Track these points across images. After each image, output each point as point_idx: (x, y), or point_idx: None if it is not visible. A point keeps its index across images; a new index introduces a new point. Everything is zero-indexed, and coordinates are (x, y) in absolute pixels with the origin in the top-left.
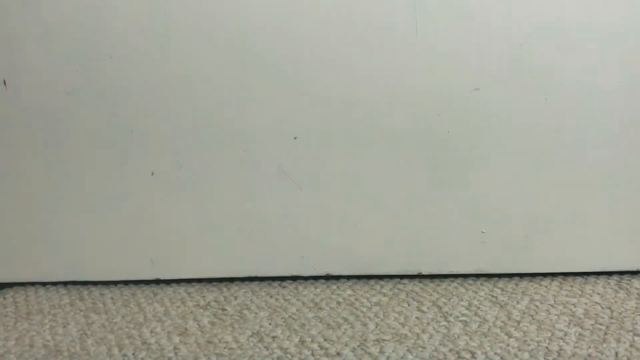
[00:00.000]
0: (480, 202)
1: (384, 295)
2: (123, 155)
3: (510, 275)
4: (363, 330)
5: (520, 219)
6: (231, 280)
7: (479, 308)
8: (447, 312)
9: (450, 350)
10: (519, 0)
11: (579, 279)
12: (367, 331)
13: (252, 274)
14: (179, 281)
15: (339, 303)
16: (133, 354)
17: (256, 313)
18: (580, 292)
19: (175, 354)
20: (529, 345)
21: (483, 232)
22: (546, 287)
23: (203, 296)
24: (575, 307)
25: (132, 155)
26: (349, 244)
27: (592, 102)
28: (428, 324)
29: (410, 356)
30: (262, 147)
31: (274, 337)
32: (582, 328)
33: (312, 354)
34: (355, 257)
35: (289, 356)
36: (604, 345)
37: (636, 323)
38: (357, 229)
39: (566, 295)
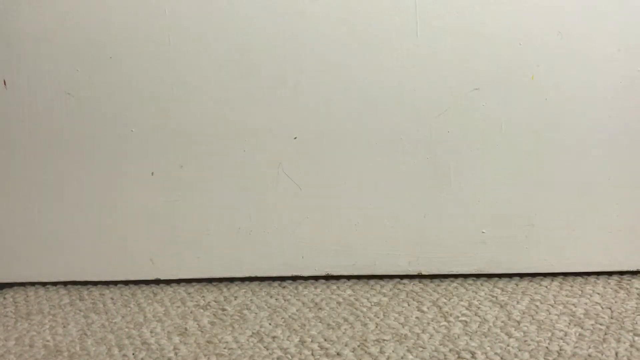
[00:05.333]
0: (480, 202)
1: (384, 295)
2: (123, 155)
3: (510, 275)
4: (363, 330)
5: (520, 219)
6: (231, 280)
7: (479, 308)
8: (447, 312)
9: (451, 350)
10: (518, 0)
11: (579, 279)
12: (367, 331)
13: (252, 274)
14: (179, 281)
15: (339, 303)
16: (133, 354)
17: (256, 313)
18: (580, 292)
19: (175, 354)
20: (529, 345)
21: (483, 232)
22: (546, 287)
23: (203, 296)
24: (575, 307)
25: (132, 155)
26: (349, 243)
27: (592, 102)
28: (428, 324)
29: (410, 356)
30: (262, 147)
31: (274, 337)
32: (582, 328)
33: (312, 354)
34: (355, 257)
35: (289, 356)
36: (604, 345)
37: (636, 323)
38: (357, 229)
39: (566, 295)
